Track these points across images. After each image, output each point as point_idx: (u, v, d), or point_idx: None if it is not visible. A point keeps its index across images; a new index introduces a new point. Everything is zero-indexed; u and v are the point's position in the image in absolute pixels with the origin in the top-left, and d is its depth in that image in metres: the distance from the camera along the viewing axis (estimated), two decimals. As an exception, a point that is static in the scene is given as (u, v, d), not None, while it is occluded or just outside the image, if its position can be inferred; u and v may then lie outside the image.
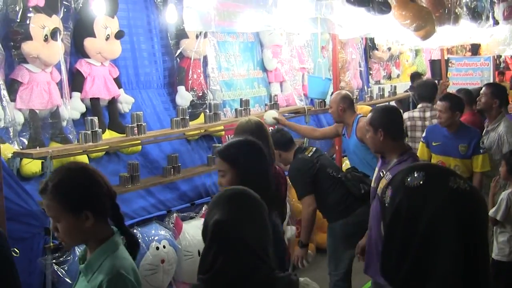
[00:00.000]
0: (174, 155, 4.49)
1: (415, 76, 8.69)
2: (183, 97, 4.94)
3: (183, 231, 4.21)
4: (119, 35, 4.24)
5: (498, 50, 8.84)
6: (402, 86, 8.60)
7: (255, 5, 3.99)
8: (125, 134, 4.12)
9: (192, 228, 4.26)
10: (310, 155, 3.87)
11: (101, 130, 3.88)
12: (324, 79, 5.91)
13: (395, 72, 9.39)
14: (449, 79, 9.18)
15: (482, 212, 1.34)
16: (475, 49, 11.61)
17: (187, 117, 4.56)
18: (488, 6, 7.06)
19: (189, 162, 4.85)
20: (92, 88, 4.16)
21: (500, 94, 4.92)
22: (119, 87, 4.41)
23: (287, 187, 3.87)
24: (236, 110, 5.10)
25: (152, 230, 4.00)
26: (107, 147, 4.05)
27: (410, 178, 1.32)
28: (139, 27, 4.80)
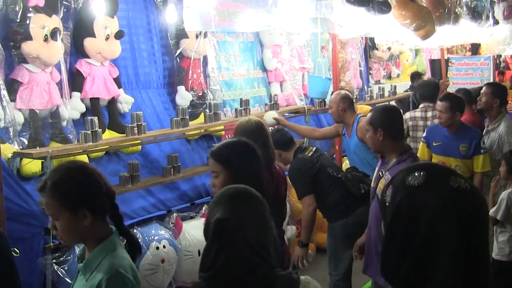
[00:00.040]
0: (174, 155, 4.49)
1: (415, 76, 8.69)
2: (183, 97, 4.94)
3: (183, 231, 4.20)
4: (119, 35, 4.24)
5: (498, 50, 8.84)
6: (402, 85, 8.60)
7: (255, 5, 3.99)
8: (125, 134, 4.12)
9: (192, 228, 4.26)
10: (310, 155, 3.87)
11: (101, 130, 3.88)
12: (324, 78, 5.91)
13: (395, 71, 9.39)
14: (449, 79, 9.18)
15: (483, 211, 1.34)
16: (475, 48, 11.61)
17: (187, 117, 4.56)
18: (488, 5, 7.06)
19: (189, 162, 4.85)
20: (92, 88, 4.16)
21: (501, 94, 4.92)
22: (119, 87, 4.41)
23: (287, 187, 3.86)
24: (236, 110, 5.10)
25: (152, 230, 4.00)
26: (107, 147, 4.05)
27: (411, 177, 1.32)
28: (139, 27, 4.80)
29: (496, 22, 7.28)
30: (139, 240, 3.81)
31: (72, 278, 3.24)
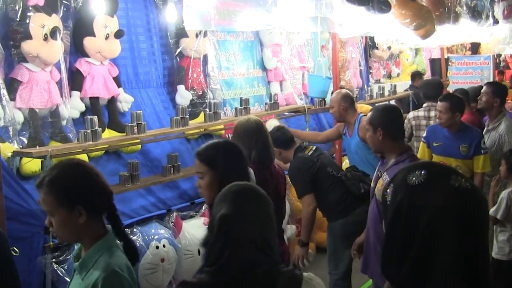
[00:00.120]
0: (174, 154, 4.48)
1: (416, 75, 8.71)
2: (183, 96, 4.93)
3: (183, 230, 4.20)
4: (118, 34, 4.23)
5: (498, 49, 8.85)
6: (402, 85, 8.60)
7: (255, 4, 3.98)
8: (124, 133, 4.11)
9: (192, 227, 4.25)
10: (310, 154, 3.87)
11: (100, 129, 3.88)
12: (325, 78, 5.91)
13: (395, 71, 9.39)
14: (449, 78, 9.18)
15: (483, 211, 1.34)
16: (475, 48, 11.62)
17: (187, 116, 4.55)
18: (488, 5, 7.06)
19: (189, 161, 4.85)
20: (92, 87, 4.15)
21: (501, 93, 4.91)
22: (119, 86, 4.41)
23: (287, 186, 3.86)
24: (236, 109, 5.09)
25: (152, 229, 3.99)
26: (106, 146, 4.05)
27: (412, 176, 1.32)
28: (138, 26, 4.79)
29: (496, 22, 7.28)
30: (139, 239, 3.82)
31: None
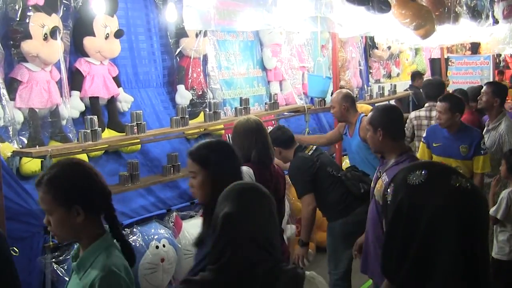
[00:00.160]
0: (174, 154, 4.48)
1: (416, 75, 8.71)
2: (183, 96, 4.93)
3: (183, 229, 4.20)
4: (118, 34, 4.23)
5: (498, 49, 8.85)
6: (402, 85, 8.60)
7: (255, 4, 3.98)
8: (124, 133, 4.11)
9: (192, 226, 4.25)
10: (310, 153, 3.87)
11: (100, 129, 3.87)
12: (324, 77, 5.91)
13: (395, 71, 9.38)
14: (448, 78, 9.18)
15: (483, 211, 1.34)
16: (475, 48, 11.62)
17: (187, 116, 4.55)
18: (488, 5, 7.07)
19: (189, 161, 4.84)
20: (92, 87, 4.15)
21: (501, 93, 4.91)
22: (118, 86, 4.41)
23: (287, 185, 3.86)
24: (236, 109, 5.09)
25: (152, 229, 3.99)
26: (106, 146, 4.05)
27: (412, 176, 1.32)
28: (138, 26, 4.79)
29: (496, 22, 7.28)
30: (139, 239, 3.81)
31: (71, 277, 3.25)
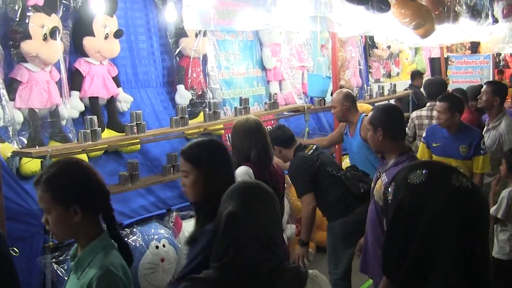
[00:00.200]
0: (173, 154, 4.48)
1: (415, 75, 8.70)
2: (183, 96, 4.93)
3: (183, 229, 4.20)
4: (118, 34, 4.23)
5: (497, 48, 8.86)
6: (401, 84, 8.60)
7: (254, 3, 3.98)
8: (124, 133, 4.11)
9: (192, 226, 4.23)
10: (310, 153, 3.86)
11: (100, 129, 3.87)
12: (324, 77, 5.91)
13: (395, 70, 9.38)
14: (448, 77, 9.18)
15: (484, 210, 1.34)
16: (474, 47, 11.62)
17: (187, 116, 4.55)
18: (488, 4, 7.07)
19: (188, 161, 4.84)
20: (91, 87, 4.15)
21: (501, 92, 4.90)
22: (118, 86, 4.41)
23: (287, 185, 3.86)
24: (236, 108, 5.09)
25: (152, 229, 3.99)
26: (106, 146, 4.05)
27: (413, 175, 1.32)
28: (138, 26, 4.79)
29: (495, 21, 7.28)
30: (139, 239, 3.81)
31: (71, 278, 3.25)
